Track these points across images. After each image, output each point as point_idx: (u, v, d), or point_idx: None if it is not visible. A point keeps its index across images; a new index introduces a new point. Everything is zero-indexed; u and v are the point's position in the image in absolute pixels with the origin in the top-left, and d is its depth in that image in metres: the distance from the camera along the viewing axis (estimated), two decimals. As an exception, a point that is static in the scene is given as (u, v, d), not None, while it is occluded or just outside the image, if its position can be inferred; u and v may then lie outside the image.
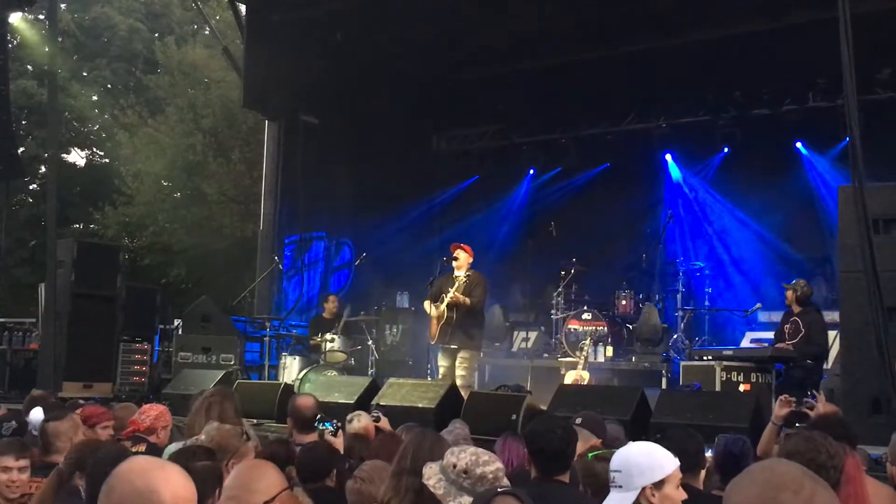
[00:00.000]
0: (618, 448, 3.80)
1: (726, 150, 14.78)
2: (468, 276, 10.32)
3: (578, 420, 5.38)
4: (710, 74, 13.74)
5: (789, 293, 10.14)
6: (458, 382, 10.00)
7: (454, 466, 3.57)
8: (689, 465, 4.33)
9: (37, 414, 6.26)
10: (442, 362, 10.61)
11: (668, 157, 15.40)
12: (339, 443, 6.03)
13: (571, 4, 12.71)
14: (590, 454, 4.31)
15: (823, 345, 9.77)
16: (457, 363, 10.37)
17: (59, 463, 4.93)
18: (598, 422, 5.61)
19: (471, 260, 10.61)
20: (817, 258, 13.35)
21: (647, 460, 3.45)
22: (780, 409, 5.93)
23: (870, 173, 7.57)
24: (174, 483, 2.34)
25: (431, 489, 3.55)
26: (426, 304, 10.74)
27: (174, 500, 2.29)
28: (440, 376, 10.60)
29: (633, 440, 7.40)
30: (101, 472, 3.66)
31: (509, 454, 5.23)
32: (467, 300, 10.24)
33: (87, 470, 3.98)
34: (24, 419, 6.31)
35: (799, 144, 14.15)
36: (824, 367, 10.16)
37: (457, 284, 10.26)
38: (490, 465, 3.58)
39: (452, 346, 10.39)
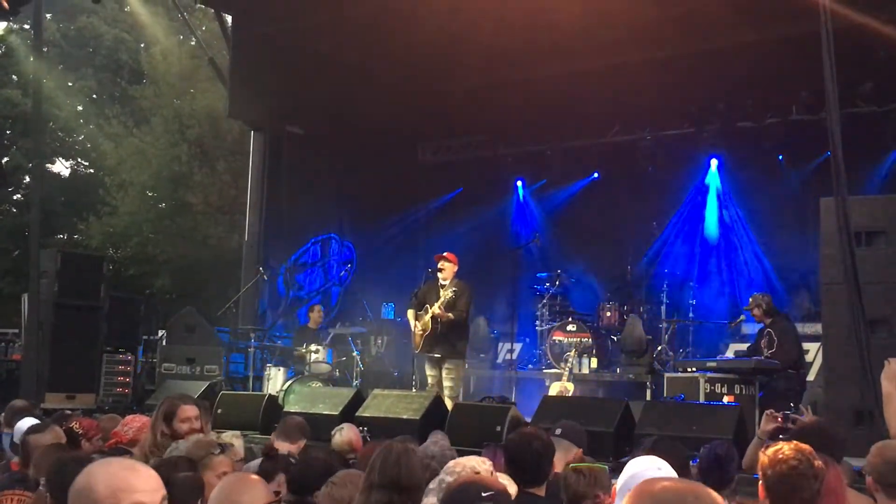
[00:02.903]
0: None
1: (710, 161, 14.83)
2: (454, 290, 10.25)
3: (558, 431, 5.39)
4: (694, 87, 13.81)
5: (756, 312, 10.17)
6: (447, 394, 9.99)
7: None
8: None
9: (24, 424, 6.23)
10: (430, 371, 10.57)
11: (649, 168, 15.42)
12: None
13: (555, 16, 12.74)
14: (571, 465, 4.31)
15: (793, 353, 9.77)
16: (443, 374, 10.34)
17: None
18: (579, 431, 5.62)
19: (456, 269, 10.55)
20: (800, 270, 13.38)
21: None
22: (766, 423, 5.95)
23: (852, 186, 7.61)
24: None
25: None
26: (409, 313, 10.73)
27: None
28: (429, 385, 10.57)
29: (618, 452, 7.43)
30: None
31: (493, 466, 5.22)
32: (451, 315, 10.22)
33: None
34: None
35: (781, 157, 14.21)
36: (807, 379, 10.17)
37: (442, 298, 10.22)
38: (450, 475, 3.54)
39: (436, 355, 10.37)
